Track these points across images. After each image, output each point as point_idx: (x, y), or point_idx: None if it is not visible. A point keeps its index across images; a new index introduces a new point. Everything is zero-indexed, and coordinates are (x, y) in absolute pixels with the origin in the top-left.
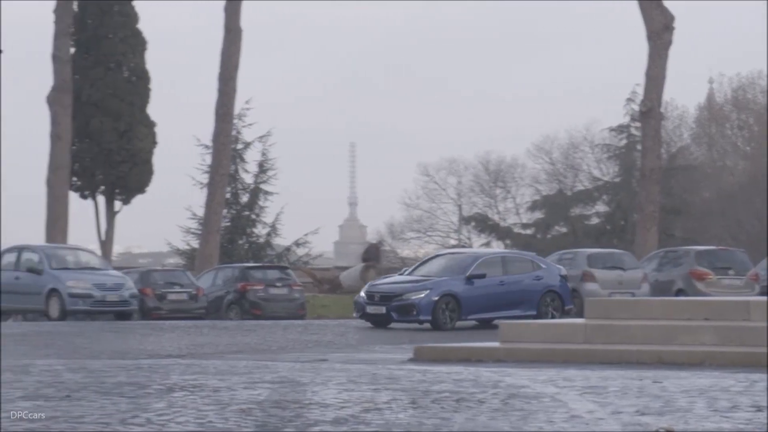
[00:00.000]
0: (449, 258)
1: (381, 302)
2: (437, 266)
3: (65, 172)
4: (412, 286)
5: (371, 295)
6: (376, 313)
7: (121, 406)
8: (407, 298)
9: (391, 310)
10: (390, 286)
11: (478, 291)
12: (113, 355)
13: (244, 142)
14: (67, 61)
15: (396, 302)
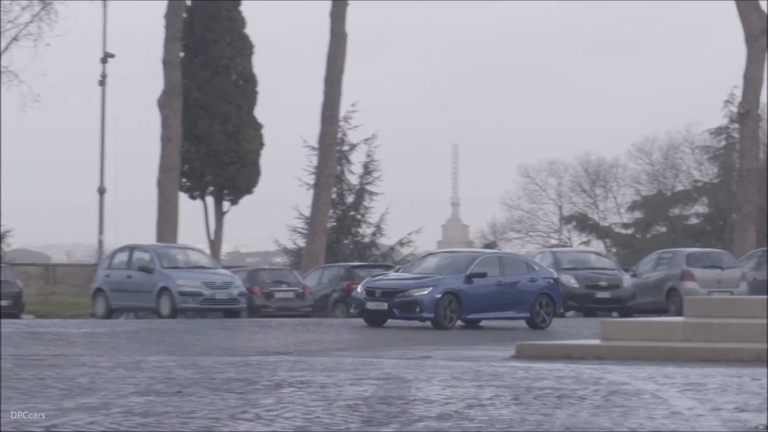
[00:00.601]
0: (447, 256)
1: (383, 298)
2: (435, 264)
3: (175, 173)
4: (415, 283)
5: (371, 291)
6: (377, 309)
7: (231, 401)
8: (410, 295)
9: (393, 306)
10: (392, 282)
11: (478, 290)
12: (222, 352)
13: (350, 144)
14: (176, 65)
15: (398, 298)
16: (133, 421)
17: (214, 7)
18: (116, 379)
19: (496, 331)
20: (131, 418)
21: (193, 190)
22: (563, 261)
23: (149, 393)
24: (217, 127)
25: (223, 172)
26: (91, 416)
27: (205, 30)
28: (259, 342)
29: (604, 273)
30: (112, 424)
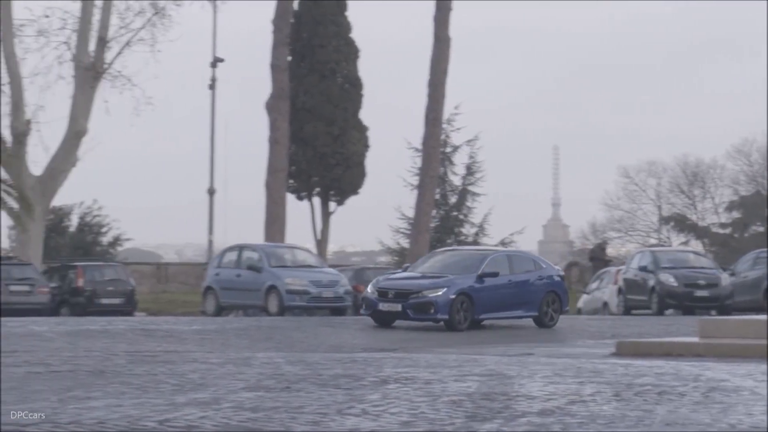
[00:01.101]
0: (456, 255)
1: (396, 299)
2: (444, 263)
3: (283, 175)
4: (429, 284)
5: (384, 292)
6: (390, 310)
7: (338, 397)
8: (424, 296)
9: (407, 307)
10: (405, 283)
11: (489, 290)
12: (329, 349)
13: (453, 146)
14: (284, 69)
15: (413, 300)
16: (243, 416)
17: (321, 13)
18: (226, 374)
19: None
20: (241, 413)
21: (300, 191)
22: (662, 260)
23: (258, 388)
24: (323, 130)
25: (330, 173)
26: (202, 411)
27: (312, 35)
28: (364, 339)
29: (703, 272)
30: (222, 419)
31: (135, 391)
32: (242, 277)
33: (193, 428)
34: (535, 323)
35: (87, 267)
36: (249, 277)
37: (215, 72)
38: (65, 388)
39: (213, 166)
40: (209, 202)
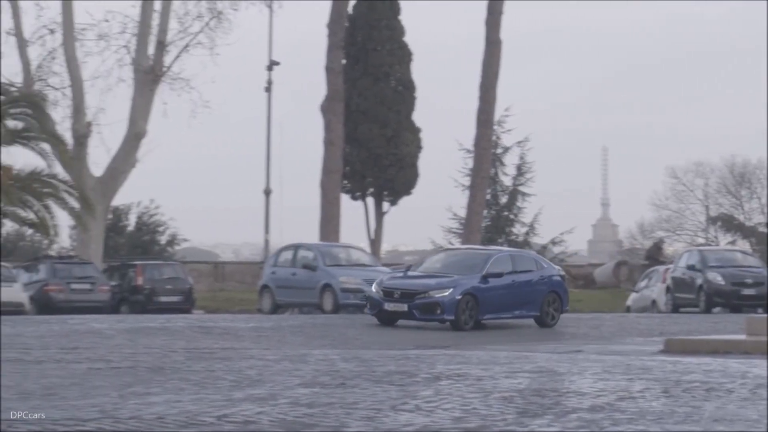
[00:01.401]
0: (460, 254)
1: (402, 299)
2: (447, 263)
3: (337, 175)
4: (435, 284)
5: (389, 292)
6: (396, 310)
7: (392, 393)
8: (431, 296)
9: (413, 308)
10: (410, 283)
11: (494, 290)
12: (383, 346)
13: (504, 147)
14: (339, 72)
15: (419, 300)
16: (299, 411)
17: (375, 17)
18: (282, 371)
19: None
20: (297, 409)
21: (354, 192)
22: (710, 259)
23: (314, 385)
24: (377, 132)
25: (383, 174)
26: (259, 407)
27: (366, 38)
28: (417, 336)
29: (750, 271)
30: (279, 415)
31: (193, 387)
32: (298, 275)
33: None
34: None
35: (146, 266)
36: (304, 275)
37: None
38: (125, 384)
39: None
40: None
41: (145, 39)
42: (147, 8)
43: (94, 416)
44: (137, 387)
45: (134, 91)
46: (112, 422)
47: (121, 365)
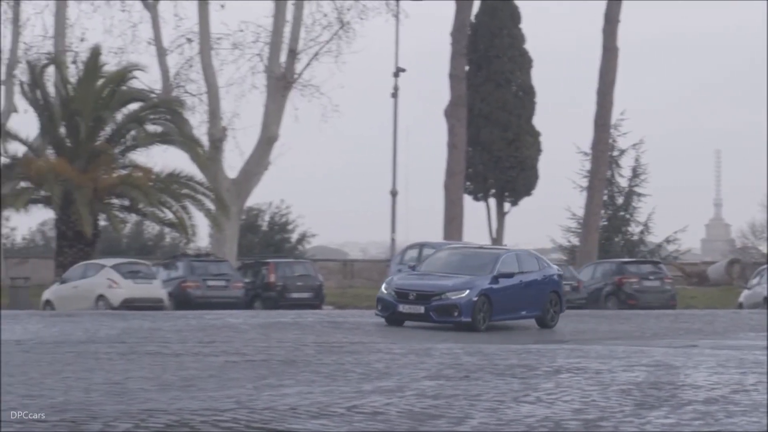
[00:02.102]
0: (466, 254)
1: (418, 302)
2: (455, 262)
3: (460, 177)
4: (452, 285)
5: (403, 293)
6: (411, 312)
7: (514, 385)
8: (448, 298)
9: (430, 310)
10: (425, 284)
11: (505, 291)
12: (504, 341)
13: (620, 150)
14: (462, 78)
15: (436, 302)
16: (425, 403)
17: (497, 25)
18: (409, 364)
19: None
20: (423, 400)
21: (477, 193)
22: None
23: (439, 377)
24: (498, 135)
25: (504, 176)
26: (387, 398)
27: (488, 46)
28: (537, 332)
29: None
30: (406, 406)
31: (324, 379)
32: None
33: (378, 414)
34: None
35: (278, 263)
36: None
37: (397, 81)
38: (260, 376)
39: (395, 169)
40: (392, 203)
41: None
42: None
43: (231, 407)
44: (271, 379)
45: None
46: (248, 412)
47: (256, 358)
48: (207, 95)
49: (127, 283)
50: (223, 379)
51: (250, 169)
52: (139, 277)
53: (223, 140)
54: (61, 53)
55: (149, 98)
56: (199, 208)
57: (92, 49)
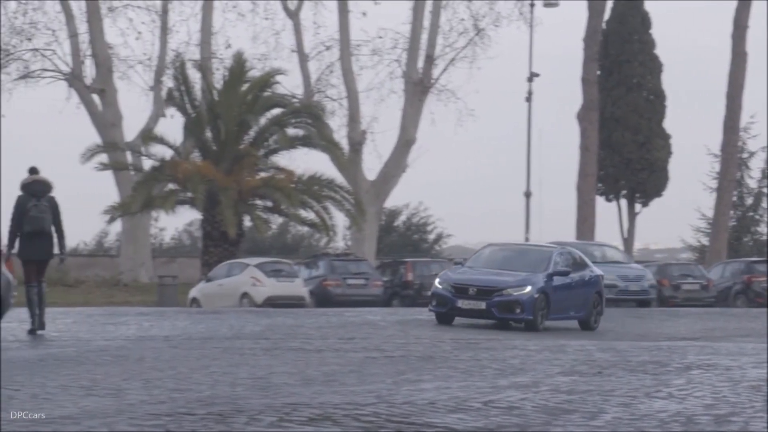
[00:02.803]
0: (514, 250)
1: (479, 297)
2: (504, 259)
3: (592, 179)
4: (514, 281)
5: (462, 288)
6: (472, 308)
7: (646, 381)
8: (509, 294)
9: (492, 306)
10: (485, 279)
11: (558, 290)
12: (636, 338)
13: (749, 152)
14: (594, 83)
15: (498, 298)
16: (560, 398)
17: (628, 31)
18: (543, 360)
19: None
20: (558, 395)
21: (608, 194)
22: None
23: (573, 373)
24: (629, 138)
25: (635, 177)
26: (522, 393)
27: (620, 51)
28: (668, 329)
29: None
30: (541, 401)
31: (461, 374)
32: None
33: (514, 409)
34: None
35: (416, 262)
36: None
37: (531, 86)
38: (398, 371)
39: (529, 171)
40: (526, 204)
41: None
42: (417, 25)
43: (371, 401)
44: (409, 374)
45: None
46: (387, 407)
47: (394, 354)
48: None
49: (271, 282)
50: (364, 375)
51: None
52: (282, 276)
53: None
54: (206, 60)
55: (291, 103)
56: (339, 208)
57: (237, 55)
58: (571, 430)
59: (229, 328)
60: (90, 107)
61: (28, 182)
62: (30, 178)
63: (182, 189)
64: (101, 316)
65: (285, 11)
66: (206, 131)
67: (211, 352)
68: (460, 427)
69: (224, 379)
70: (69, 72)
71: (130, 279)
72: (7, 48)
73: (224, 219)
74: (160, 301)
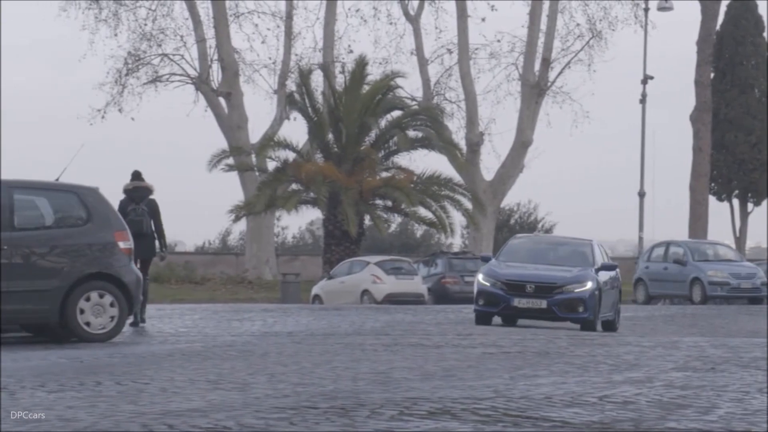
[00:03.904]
0: (554, 242)
1: (538, 295)
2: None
3: (705, 179)
4: (571, 276)
5: (517, 285)
6: (530, 307)
7: (758, 377)
8: (570, 291)
9: (554, 304)
10: (540, 275)
11: (604, 286)
12: (748, 334)
13: None
14: (707, 85)
15: (559, 295)
16: (674, 393)
17: (741, 34)
18: (657, 356)
19: None
20: (672, 391)
21: (720, 194)
22: None
23: (686, 369)
24: (741, 139)
25: (747, 177)
26: (637, 389)
27: (733, 54)
28: None
29: None
30: (655, 396)
31: (577, 370)
32: (669, 269)
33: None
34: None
35: None
36: (675, 269)
37: (645, 88)
38: (515, 366)
39: (643, 171)
40: (639, 203)
41: (531, 57)
42: (533, 29)
43: (489, 395)
44: (526, 369)
45: (521, 104)
46: (505, 401)
47: (511, 350)
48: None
49: (390, 279)
50: (481, 370)
51: (506, 172)
52: (401, 274)
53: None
54: (329, 64)
55: (410, 105)
56: (457, 208)
57: (358, 59)
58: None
59: (350, 325)
60: (216, 110)
61: (129, 188)
62: (131, 184)
63: (305, 189)
64: (227, 313)
65: (405, 16)
66: (328, 134)
67: (333, 348)
68: (576, 421)
69: (346, 373)
70: (196, 76)
71: (254, 276)
72: (137, 53)
73: (346, 218)
74: (284, 297)
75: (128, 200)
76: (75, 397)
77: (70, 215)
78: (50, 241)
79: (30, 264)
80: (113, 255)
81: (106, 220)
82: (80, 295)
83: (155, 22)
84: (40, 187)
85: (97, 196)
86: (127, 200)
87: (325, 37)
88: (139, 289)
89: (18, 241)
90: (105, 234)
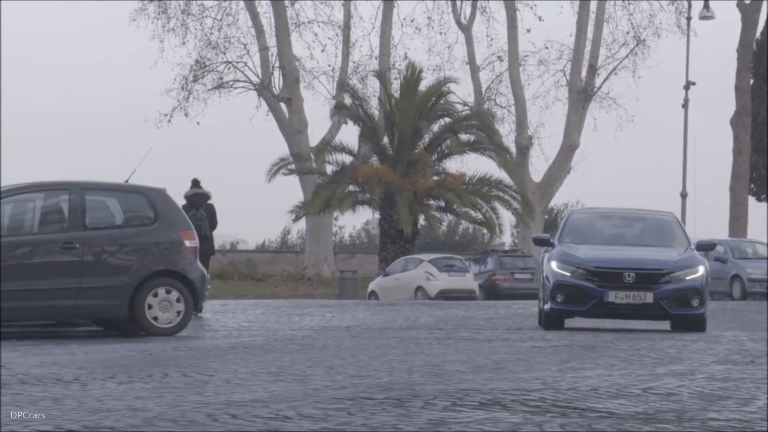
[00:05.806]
0: (629, 217)
1: (640, 286)
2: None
3: (745, 180)
4: (677, 259)
5: (613, 274)
6: (631, 303)
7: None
8: (680, 279)
9: (662, 297)
10: (641, 258)
11: None
12: None
13: None
14: (747, 90)
15: (667, 285)
16: (715, 385)
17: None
18: (699, 350)
19: None
20: (713, 383)
21: (760, 195)
22: None
23: (727, 362)
24: None
25: None
26: (679, 381)
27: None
28: None
29: None
30: (697, 388)
31: (622, 363)
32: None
33: (671, 396)
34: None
35: None
36: (715, 267)
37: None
38: (563, 359)
39: (685, 173)
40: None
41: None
42: (581, 37)
43: (538, 387)
44: (573, 362)
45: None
46: (553, 393)
47: (559, 344)
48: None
49: (443, 276)
50: (530, 363)
51: (553, 174)
52: (454, 271)
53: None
54: (385, 71)
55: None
56: (506, 208)
57: (411, 66)
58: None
59: (405, 319)
60: (278, 115)
61: (189, 195)
62: (191, 191)
63: (361, 191)
64: (287, 308)
65: (458, 25)
66: (384, 137)
67: (389, 341)
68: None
69: (401, 366)
70: (259, 82)
71: (313, 273)
72: (203, 60)
73: (400, 218)
74: (341, 293)
75: (188, 206)
76: (143, 388)
77: (139, 215)
78: (120, 239)
79: (101, 262)
80: (179, 253)
81: (173, 220)
82: (148, 291)
83: (220, 31)
84: (110, 189)
85: (164, 196)
86: (187, 206)
87: (381, 45)
88: (204, 285)
89: (89, 240)
90: (172, 233)
